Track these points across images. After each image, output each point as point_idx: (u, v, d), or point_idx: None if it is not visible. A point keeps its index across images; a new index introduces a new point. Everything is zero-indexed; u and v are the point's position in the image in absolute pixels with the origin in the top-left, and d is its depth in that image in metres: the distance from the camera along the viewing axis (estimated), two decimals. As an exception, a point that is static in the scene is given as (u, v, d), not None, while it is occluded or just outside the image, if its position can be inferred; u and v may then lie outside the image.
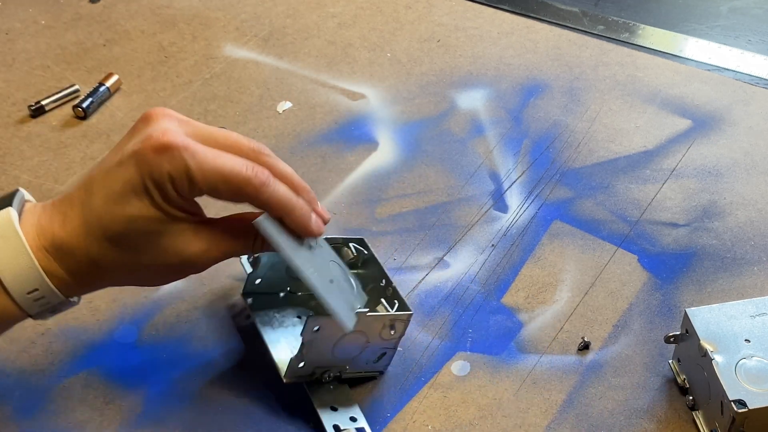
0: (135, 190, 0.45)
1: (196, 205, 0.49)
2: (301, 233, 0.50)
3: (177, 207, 0.46)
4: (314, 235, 0.50)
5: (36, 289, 0.46)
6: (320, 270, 0.51)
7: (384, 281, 0.56)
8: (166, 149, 0.44)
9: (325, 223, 0.51)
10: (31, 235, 0.46)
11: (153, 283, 0.54)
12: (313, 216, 0.50)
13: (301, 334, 0.52)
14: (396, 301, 0.55)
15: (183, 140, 0.45)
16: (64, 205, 0.47)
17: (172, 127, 0.46)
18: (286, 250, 0.49)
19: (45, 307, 0.47)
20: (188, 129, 0.46)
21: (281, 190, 0.48)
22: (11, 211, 0.46)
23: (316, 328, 0.51)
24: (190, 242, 0.48)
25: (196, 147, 0.45)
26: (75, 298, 0.49)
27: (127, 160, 0.45)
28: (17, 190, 0.48)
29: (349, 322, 0.50)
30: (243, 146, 0.47)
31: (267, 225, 0.48)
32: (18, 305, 0.46)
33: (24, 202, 0.48)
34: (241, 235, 0.50)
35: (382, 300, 0.56)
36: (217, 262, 0.50)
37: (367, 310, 0.52)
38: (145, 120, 0.47)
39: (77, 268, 0.47)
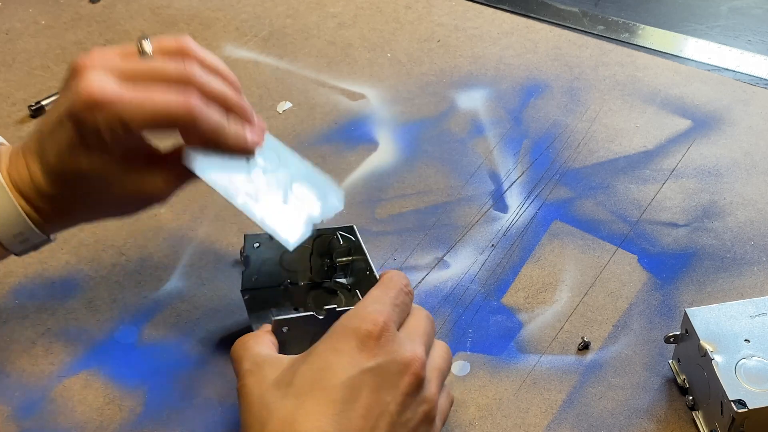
0: (78, 147, 0.47)
1: (143, 140, 0.50)
2: (240, 154, 0.51)
3: (123, 152, 0.48)
4: (251, 152, 0.51)
5: (21, 233, 0.50)
6: (265, 185, 0.51)
7: (368, 271, 0.57)
8: (96, 106, 0.45)
9: (263, 130, 0.52)
10: (7, 181, 0.49)
11: (122, 216, 0.55)
12: (248, 134, 0.51)
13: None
14: None
15: (111, 93, 0.45)
16: (26, 154, 0.49)
17: (98, 78, 0.46)
18: (216, 184, 0.49)
19: (27, 245, 0.51)
20: (115, 72, 0.47)
21: (212, 118, 0.48)
22: None
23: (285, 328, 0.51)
24: (145, 181, 0.50)
25: (123, 96, 0.46)
26: (52, 236, 0.53)
27: (65, 120, 0.47)
28: None
29: (291, 236, 0.50)
30: (169, 71, 0.47)
31: (192, 160, 0.49)
32: (4, 246, 0.50)
33: None
34: None
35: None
36: (177, 190, 0.52)
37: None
38: (73, 73, 0.47)
39: (49, 210, 0.50)
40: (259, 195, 0.50)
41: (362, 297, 0.50)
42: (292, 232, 0.50)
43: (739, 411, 0.48)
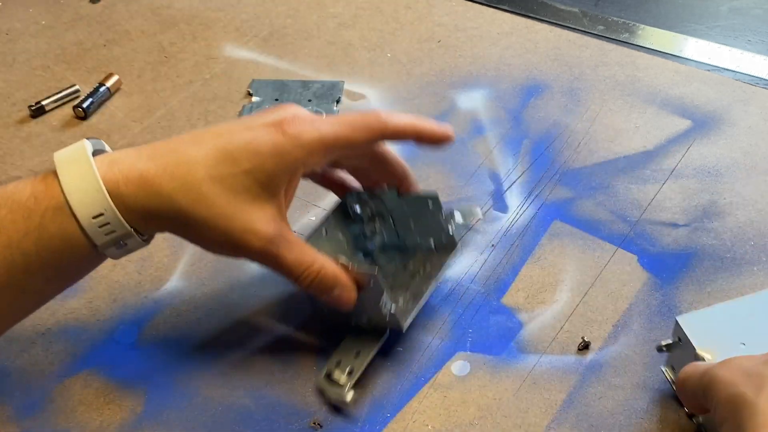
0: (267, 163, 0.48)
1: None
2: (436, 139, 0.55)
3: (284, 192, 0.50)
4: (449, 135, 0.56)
5: (101, 214, 0.46)
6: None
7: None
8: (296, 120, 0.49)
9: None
10: (105, 162, 0.47)
11: (210, 250, 0.52)
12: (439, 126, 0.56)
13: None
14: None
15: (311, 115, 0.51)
16: (155, 148, 0.48)
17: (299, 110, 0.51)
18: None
19: (111, 237, 0.47)
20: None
21: (403, 116, 0.53)
22: (85, 141, 0.48)
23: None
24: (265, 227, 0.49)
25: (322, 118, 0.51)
26: (143, 236, 0.49)
27: (261, 128, 0.49)
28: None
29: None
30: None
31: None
32: (84, 231, 0.46)
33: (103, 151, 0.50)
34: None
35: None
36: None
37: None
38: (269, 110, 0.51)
39: (146, 205, 0.47)
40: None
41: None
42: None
43: None
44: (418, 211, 0.60)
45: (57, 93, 0.80)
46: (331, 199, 0.63)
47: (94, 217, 0.46)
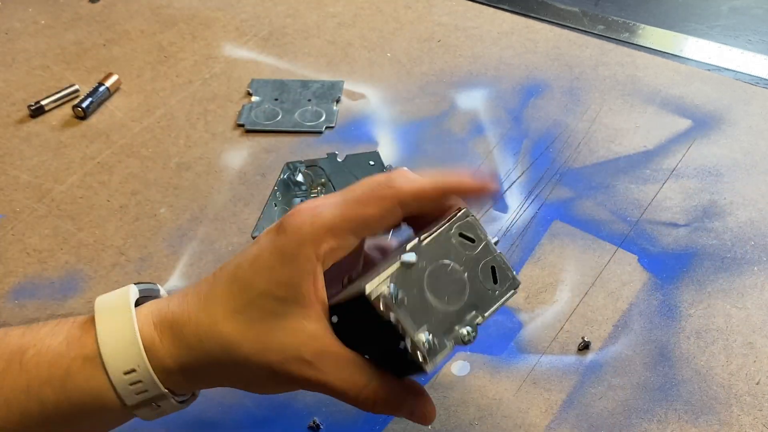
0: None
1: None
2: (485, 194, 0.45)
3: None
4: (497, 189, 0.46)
5: (133, 370, 0.41)
6: None
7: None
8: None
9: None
10: (143, 312, 0.42)
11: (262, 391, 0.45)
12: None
13: None
14: None
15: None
16: (185, 295, 0.43)
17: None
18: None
19: (142, 397, 0.42)
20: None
21: (422, 178, 0.44)
22: (131, 287, 0.44)
23: None
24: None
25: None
26: (180, 398, 0.43)
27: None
28: (158, 287, 0.46)
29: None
30: None
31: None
32: (114, 388, 0.41)
33: (158, 296, 0.46)
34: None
35: None
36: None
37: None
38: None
39: (183, 361, 0.42)
40: None
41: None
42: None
43: None
44: (359, 171, 0.57)
45: (56, 93, 0.80)
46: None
47: (126, 373, 0.41)
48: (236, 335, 0.41)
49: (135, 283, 0.45)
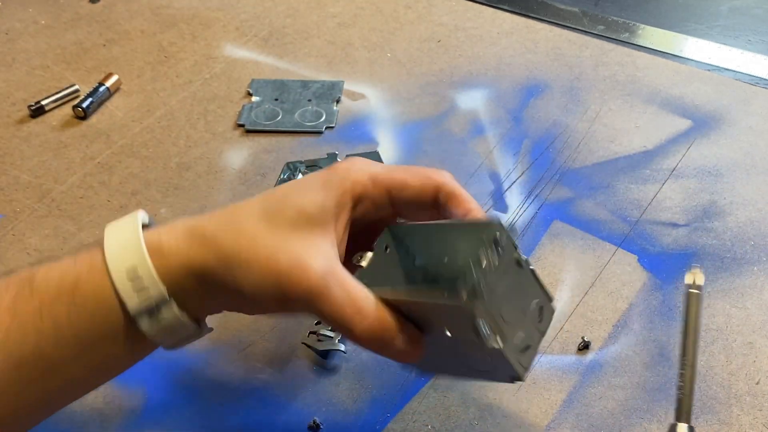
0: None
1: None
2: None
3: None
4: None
5: (134, 267, 0.40)
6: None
7: None
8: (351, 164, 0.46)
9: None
10: (158, 229, 0.43)
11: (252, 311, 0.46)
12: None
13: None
14: None
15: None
16: (213, 211, 0.44)
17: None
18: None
19: (144, 297, 0.41)
20: None
21: (466, 192, 0.46)
22: (140, 211, 0.44)
23: None
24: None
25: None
26: (183, 311, 0.42)
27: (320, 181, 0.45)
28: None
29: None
30: None
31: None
32: (115, 289, 0.40)
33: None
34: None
35: None
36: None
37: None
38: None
39: (188, 255, 0.41)
40: None
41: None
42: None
43: None
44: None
45: (56, 93, 0.80)
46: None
47: (127, 272, 0.41)
48: (255, 232, 0.42)
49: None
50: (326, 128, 0.77)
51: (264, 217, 0.42)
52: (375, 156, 0.69)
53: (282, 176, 0.70)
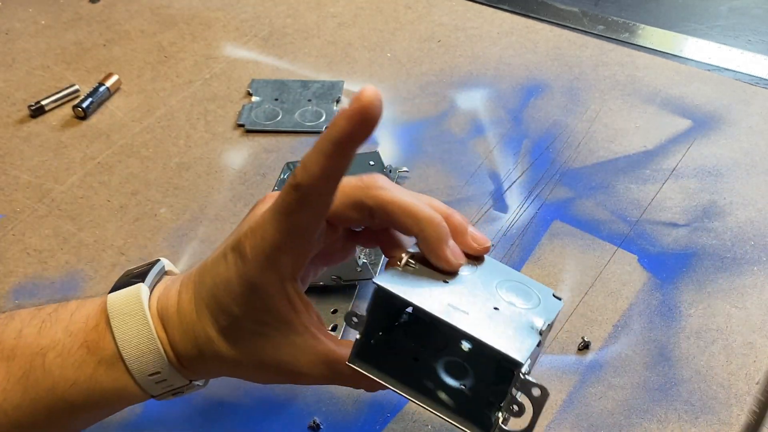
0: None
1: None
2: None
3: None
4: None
5: (158, 372, 0.43)
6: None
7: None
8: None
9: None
10: (152, 312, 0.43)
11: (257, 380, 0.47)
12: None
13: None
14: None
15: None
16: (190, 276, 0.44)
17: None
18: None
19: (168, 390, 0.44)
20: None
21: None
22: (142, 287, 0.43)
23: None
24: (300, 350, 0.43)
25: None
26: (200, 382, 0.46)
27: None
28: (158, 261, 0.46)
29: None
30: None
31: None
32: (140, 385, 0.43)
33: (163, 274, 0.46)
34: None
35: None
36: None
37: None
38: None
39: (189, 351, 0.43)
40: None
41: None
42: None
43: None
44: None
45: (56, 93, 0.80)
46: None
47: (151, 375, 0.43)
48: (232, 354, 0.43)
49: (138, 272, 0.45)
50: (326, 128, 0.77)
51: (227, 333, 0.42)
52: (375, 156, 0.69)
53: (282, 176, 0.69)
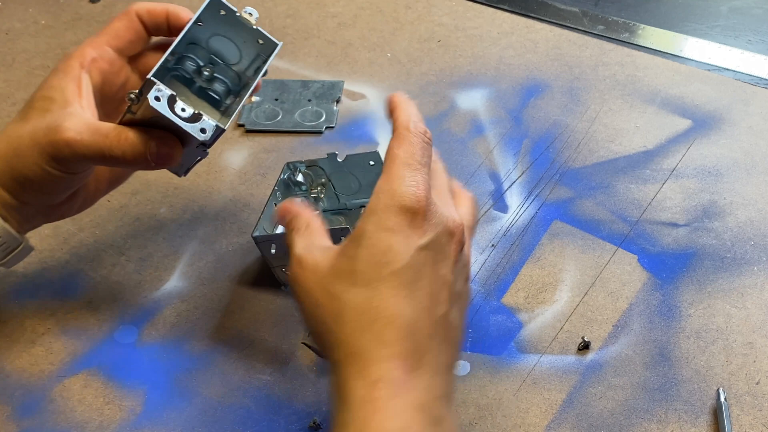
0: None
1: None
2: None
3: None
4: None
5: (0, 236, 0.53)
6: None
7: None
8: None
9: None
10: None
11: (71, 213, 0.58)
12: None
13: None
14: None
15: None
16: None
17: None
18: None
19: (7, 249, 0.54)
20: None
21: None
22: None
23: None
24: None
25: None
26: (27, 242, 0.55)
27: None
28: None
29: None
30: None
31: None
32: None
33: None
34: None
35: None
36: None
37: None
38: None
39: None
40: None
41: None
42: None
43: None
44: (360, 171, 0.63)
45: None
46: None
47: None
48: (18, 129, 0.51)
49: None
50: (326, 128, 0.77)
51: (23, 111, 0.52)
52: (375, 156, 0.68)
53: (282, 176, 0.69)
